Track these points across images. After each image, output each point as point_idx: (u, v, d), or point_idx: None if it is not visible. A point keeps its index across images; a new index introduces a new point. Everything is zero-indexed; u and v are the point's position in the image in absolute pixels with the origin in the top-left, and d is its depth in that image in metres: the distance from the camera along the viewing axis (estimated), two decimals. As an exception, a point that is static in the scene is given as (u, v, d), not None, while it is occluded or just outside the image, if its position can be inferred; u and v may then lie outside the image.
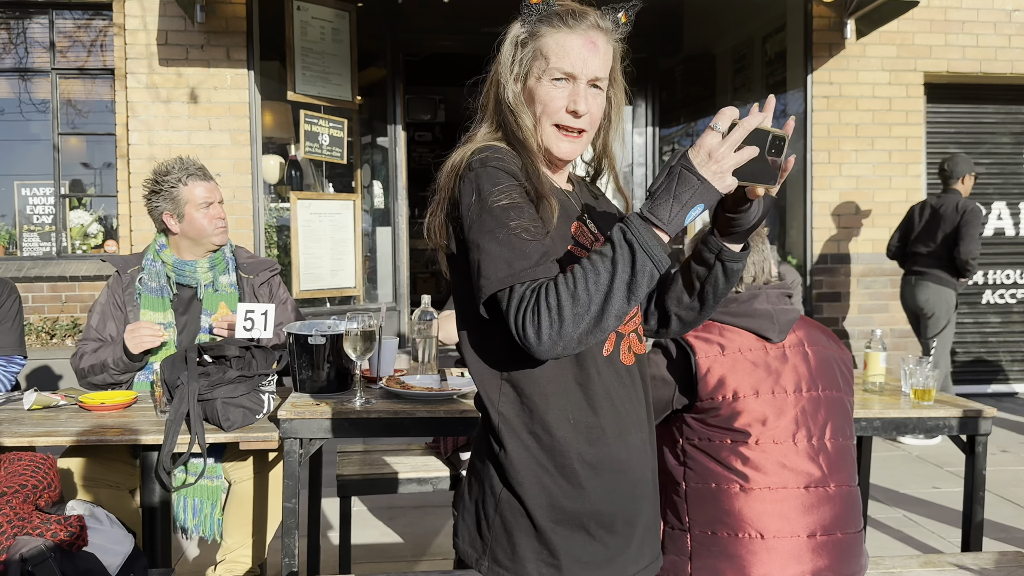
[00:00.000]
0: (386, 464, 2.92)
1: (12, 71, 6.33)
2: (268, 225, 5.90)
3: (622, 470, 1.31)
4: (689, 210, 1.13)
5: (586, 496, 1.28)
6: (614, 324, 1.16)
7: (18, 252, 6.36)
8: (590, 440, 1.28)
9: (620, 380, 1.33)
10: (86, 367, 2.56)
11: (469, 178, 1.25)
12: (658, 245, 1.13)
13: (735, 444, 1.87)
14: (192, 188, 2.66)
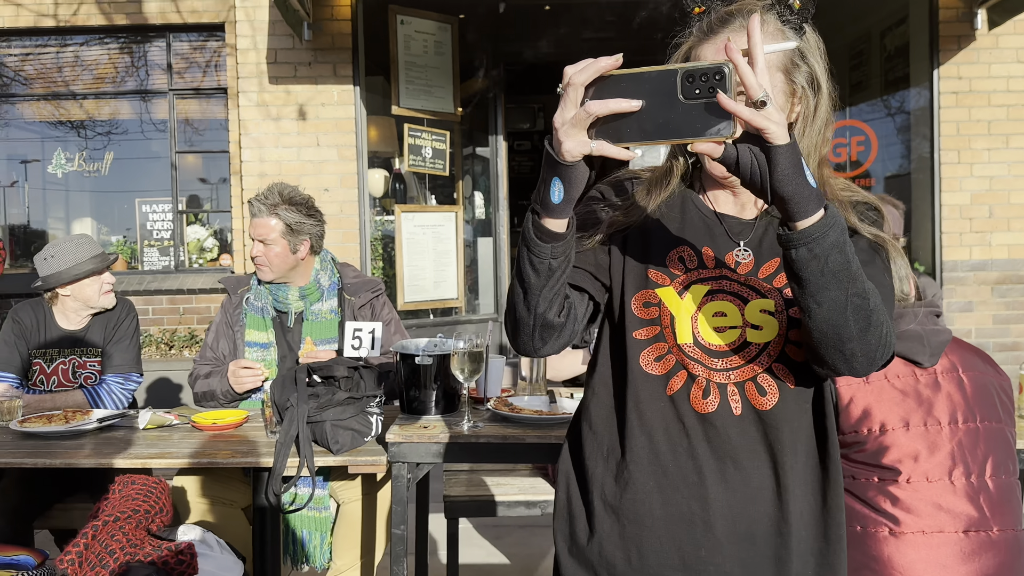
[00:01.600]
0: (493, 485, 2.84)
1: (134, 93, 6.65)
2: (374, 238, 5.95)
3: (671, 520, 1.17)
4: (549, 185, 1.03)
5: (595, 540, 1.21)
6: (523, 316, 1.14)
7: (139, 266, 6.67)
8: (618, 479, 1.20)
9: (680, 422, 1.18)
10: (199, 393, 2.63)
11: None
12: (529, 229, 1.07)
13: (883, 483, 1.68)
14: (252, 220, 2.67)
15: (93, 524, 1.72)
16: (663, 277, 1.20)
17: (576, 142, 0.98)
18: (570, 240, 1.09)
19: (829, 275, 1.00)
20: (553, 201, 1.03)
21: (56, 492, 2.59)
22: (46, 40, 6.57)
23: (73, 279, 2.69)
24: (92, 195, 6.86)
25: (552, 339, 1.18)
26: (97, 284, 2.73)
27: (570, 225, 1.08)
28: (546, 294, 1.11)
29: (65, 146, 6.72)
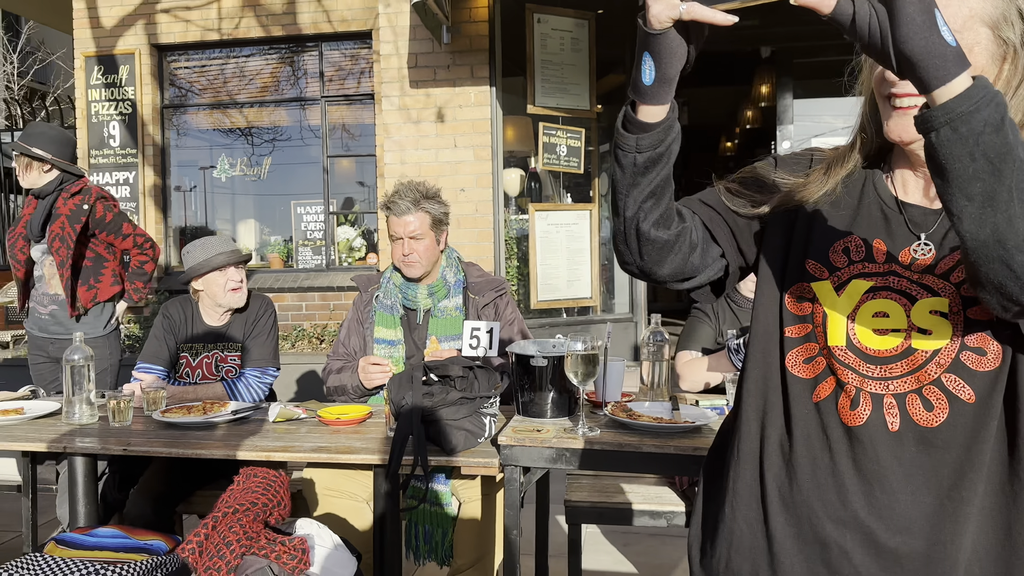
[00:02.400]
0: (618, 492, 2.74)
1: (290, 101, 7.04)
2: (508, 237, 5.98)
3: (805, 541, 1.05)
4: (640, 64, 0.93)
5: (724, 555, 1.13)
6: (616, 222, 1.05)
7: (294, 265, 7.05)
8: (735, 490, 1.11)
9: (823, 433, 1.04)
10: (331, 387, 2.70)
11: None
12: (619, 119, 0.98)
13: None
14: (391, 219, 2.69)
15: (213, 515, 1.79)
16: (821, 269, 1.06)
17: (664, 4, 0.87)
18: (662, 134, 0.96)
19: (983, 160, 0.78)
20: (644, 82, 0.93)
21: (199, 479, 2.74)
22: (212, 53, 7.07)
23: (202, 273, 2.84)
24: (254, 198, 7.33)
25: (652, 257, 1.06)
26: (223, 279, 2.84)
27: (668, 118, 0.96)
28: (635, 195, 1.00)
29: (229, 152, 7.22)
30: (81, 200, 3.48)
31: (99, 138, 6.98)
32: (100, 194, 3.54)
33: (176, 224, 7.25)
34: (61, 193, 3.48)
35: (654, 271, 1.08)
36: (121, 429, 2.32)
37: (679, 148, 1.01)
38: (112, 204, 3.57)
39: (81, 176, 3.59)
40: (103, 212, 3.51)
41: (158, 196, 7.07)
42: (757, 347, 1.12)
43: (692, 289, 1.16)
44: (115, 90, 6.96)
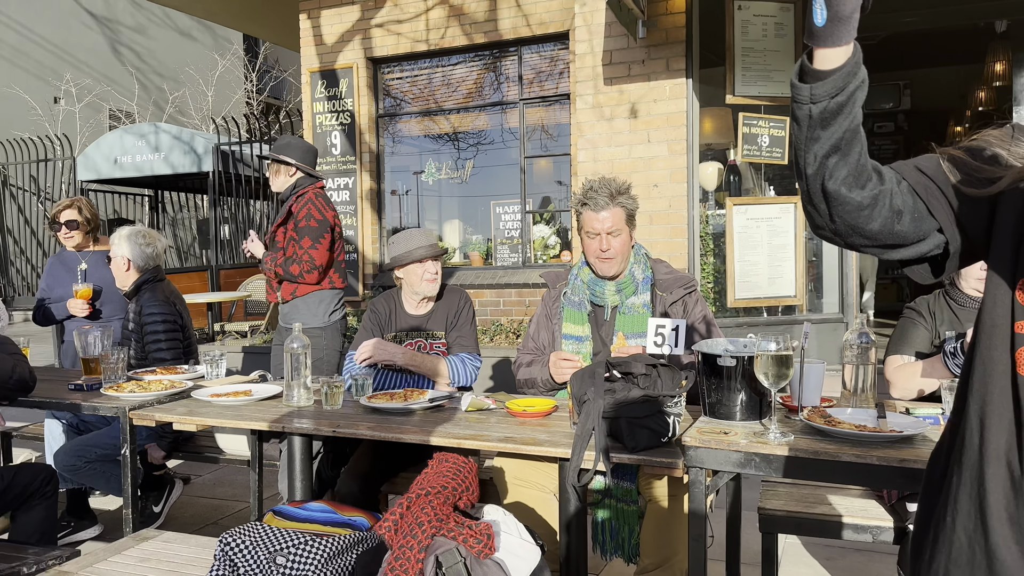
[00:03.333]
0: (818, 501, 2.59)
1: (491, 105, 7.30)
2: (704, 233, 5.82)
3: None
4: (811, 6, 0.89)
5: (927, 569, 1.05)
6: (800, 181, 0.98)
7: (493, 262, 7.30)
8: (956, 499, 1.01)
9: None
10: (521, 380, 2.77)
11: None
12: (794, 72, 0.94)
13: None
14: (586, 215, 2.67)
15: (408, 496, 1.90)
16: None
17: None
18: (840, 80, 0.90)
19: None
20: (816, 23, 0.88)
21: (402, 462, 2.93)
22: (420, 63, 7.49)
23: (403, 263, 3.03)
24: (457, 199, 7.69)
25: (845, 220, 0.98)
26: (420, 270, 3.02)
27: (847, 63, 0.89)
28: (815, 151, 0.93)
29: (436, 157, 7.61)
30: (292, 204, 3.85)
31: (323, 147, 7.63)
32: (311, 200, 3.82)
33: (389, 225, 7.75)
34: (291, 196, 3.89)
35: (850, 237, 1.00)
36: (332, 412, 2.53)
37: (865, 96, 0.93)
38: (314, 215, 3.80)
39: (319, 180, 3.98)
40: (303, 217, 3.79)
41: (373, 199, 7.60)
42: (982, 343, 1.00)
43: (904, 262, 1.05)
44: (336, 102, 7.57)
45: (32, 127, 14.42)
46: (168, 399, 2.75)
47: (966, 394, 1.02)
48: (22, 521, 2.72)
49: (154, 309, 3.40)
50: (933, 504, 1.07)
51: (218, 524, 3.80)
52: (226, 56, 17.51)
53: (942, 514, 1.03)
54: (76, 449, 3.34)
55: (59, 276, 4.01)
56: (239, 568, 1.91)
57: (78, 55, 16.17)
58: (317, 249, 3.79)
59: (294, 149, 3.93)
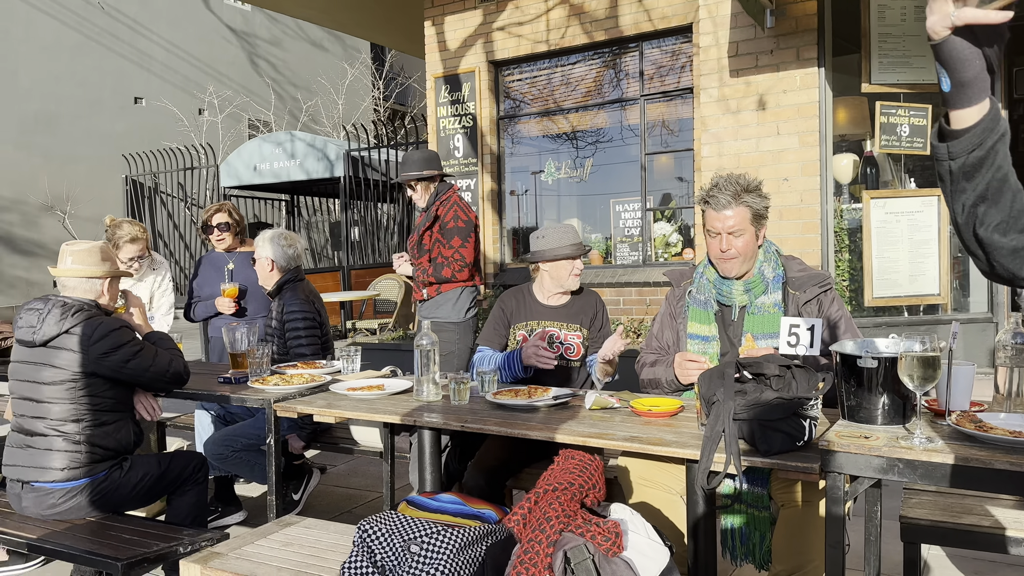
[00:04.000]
0: (965, 511, 2.43)
1: (610, 103, 7.26)
2: (838, 228, 5.56)
3: None
4: (937, 77, 1.00)
5: None
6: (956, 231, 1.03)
7: (612, 261, 7.26)
8: None
9: None
10: (645, 379, 2.75)
11: None
12: (933, 134, 1.02)
13: None
14: (708, 213, 2.61)
15: (535, 491, 1.93)
16: None
17: (937, 16, 0.91)
18: (976, 137, 0.95)
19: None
20: (944, 90, 0.97)
21: (527, 457, 2.97)
22: (540, 64, 7.55)
23: (553, 258, 3.11)
24: (576, 198, 7.70)
25: (1004, 263, 1.00)
26: (569, 267, 3.15)
27: (982, 120, 0.94)
28: (962, 201, 0.97)
29: (555, 156, 7.65)
30: (437, 209, 4.05)
31: (446, 150, 7.82)
32: (457, 203, 4.07)
33: (509, 225, 7.86)
34: (435, 203, 4.08)
35: (1014, 281, 1.01)
36: (459, 407, 2.59)
37: (1007, 146, 0.96)
38: (460, 216, 4.04)
39: (450, 186, 4.15)
40: (451, 219, 4.03)
41: (494, 200, 7.72)
42: None
43: None
44: (459, 105, 7.74)
45: (179, 137, 15.52)
46: (309, 392, 2.90)
47: None
48: (176, 504, 2.94)
49: (295, 307, 3.59)
50: None
51: (352, 512, 3.97)
52: (355, 65, 18.23)
53: None
54: (223, 439, 3.57)
55: (208, 276, 4.30)
56: (375, 554, 1.99)
57: (220, 68, 17.26)
58: (466, 247, 4.02)
59: (427, 162, 4.11)
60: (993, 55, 0.92)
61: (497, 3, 7.45)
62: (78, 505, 2.67)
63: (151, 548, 2.40)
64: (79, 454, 2.67)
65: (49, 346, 2.70)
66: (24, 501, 2.69)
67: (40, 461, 2.67)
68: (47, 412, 2.69)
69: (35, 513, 2.68)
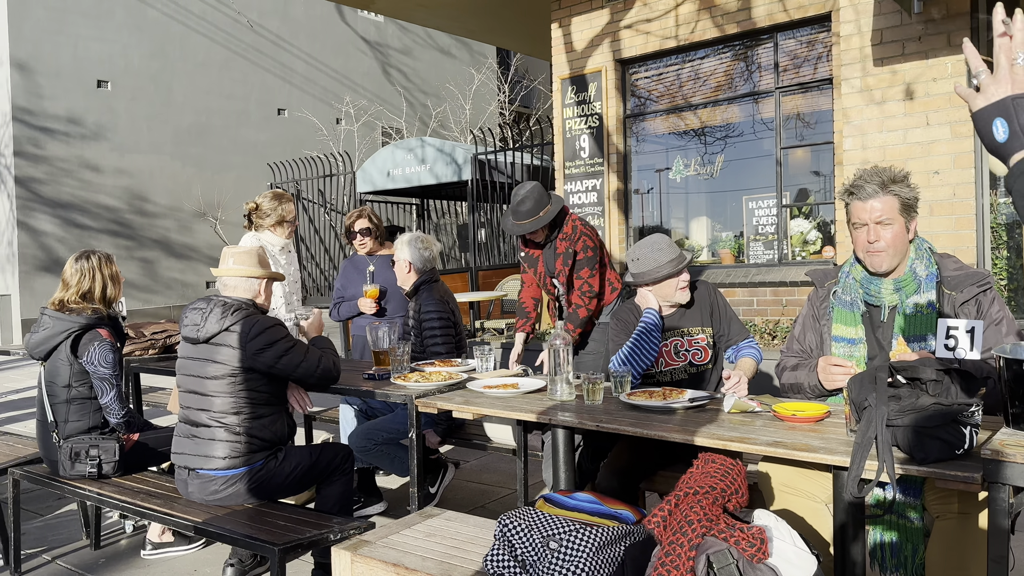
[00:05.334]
0: None
1: (743, 97, 7.06)
2: (995, 224, 5.18)
3: None
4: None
5: None
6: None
7: (745, 260, 7.06)
8: None
9: None
10: (786, 384, 2.66)
11: None
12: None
13: None
14: (854, 205, 2.48)
15: (676, 494, 1.91)
16: None
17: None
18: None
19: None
20: (999, 141, 1.08)
21: (660, 460, 2.95)
22: (668, 60, 7.44)
23: (653, 281, 3.05)
24: (706, 196, 7.53)
25: None
26: (675, 283, 3.07)
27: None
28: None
29: (684, 153, 7.52)
30: (568, 244, 3.91)
31: (572, 151, 7.85)
32: (584, 234, 3.91)
33: (635, 224, 7.79)
34: (559, 236, 3.95)
35: None
36: (593, 407, 2.61)
37: None
38: (589, 245, 3.90)
39: (567, 211, 4.00)
40: (580, 253, 3.90)
41: (620, 200, 7.68)
42: None
43: None
44: (584, 106, 7.75)
45: (319, 146, 16.32)
46: (447, 389, 3.00)
47: None
48: (325, 494, 3.10)
49: (431, 307, 3.72)
50: None
51: (485, 507, 4.07)
52: (481, 70, 18.58)
53: None
54: (366, 432, 3.74)
55: (351, 277, 4.52)
56: (516, 549, 2.04)
57: (355, 79, 18.02)
58: (595, 277, 3.91)
59: (537, 208, 3.84)
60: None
61: (625, 1, 7.40)
62: (237, 492, 2.87)
63: (304, 535, 2.55)
64: (239, 444, 2.87)
65: (212, 343, 2.92)
66: (190, 487, 2.93)
67: (204, 450, 2.89)
68: (210, 405, 2.90)
69: (199, 498, 2.91)
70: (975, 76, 1.26)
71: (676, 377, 3.12)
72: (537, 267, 4.04)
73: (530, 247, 4.06)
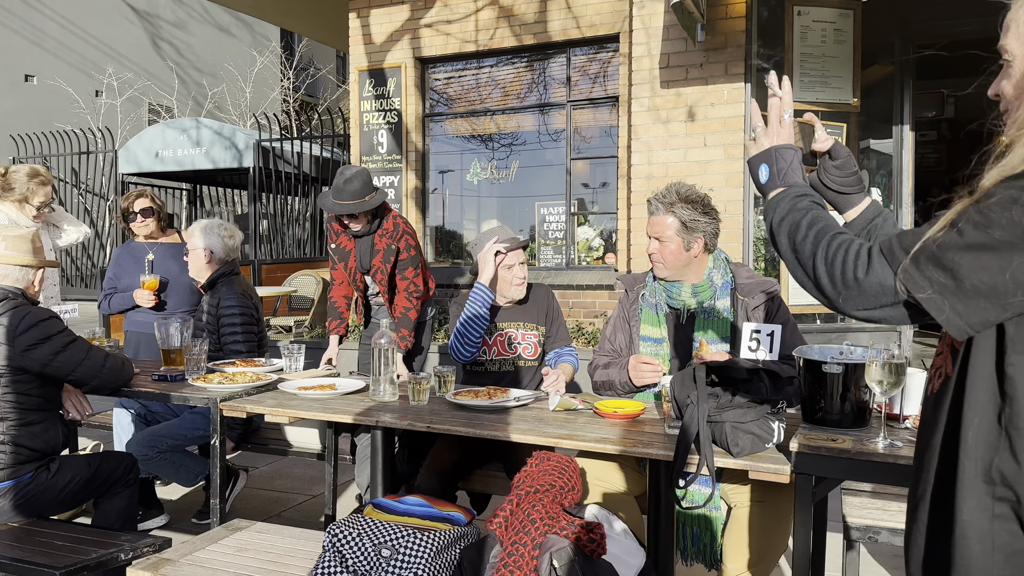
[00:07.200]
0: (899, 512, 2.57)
1: (536, 106, 7.30)
2: (757, 238, 5.79)
3: None
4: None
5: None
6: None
7: (536, 263, 7.31)
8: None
9: None
10: (598, 381, 2.77)
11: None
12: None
13: None
14: (650, 218, 2.70)
15: (517, 493, 1.91)
16: None
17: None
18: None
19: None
20: (762, 181, 1.36)
21: (477, 459, 2.94)
22: (468, 63, 7.52)
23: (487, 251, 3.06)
24: (499, 200, 7.70)
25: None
26: (509, 276, 3.07)
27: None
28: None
29: (481, 157, 7.63)
30: (391, 241, 3.78)
31: (369, 145, 7.67)
32: (406, 232, 3.81)
33: (432, 224, 7.79)
34: (377, 231, 3.79)
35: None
36: (419, 408, 2.54)
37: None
38: (412, 244, 3.82)
39: (388, 207, 3.87)
40: (403, 252, 3.79)
41: (418, 198, 7.63)
42: None
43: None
44: (383, 100, 7.61)
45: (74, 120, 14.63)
46: (255, 391, 2.78)
47: None
48: (105, 508, 2.76)
49: (232, 302, 3.43)
50: None
51: (280, 516, 3.83)
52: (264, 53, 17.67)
53: None
54: (148, 439, 3.38)
55: (126, 266, 4.06)
56: (347, 560, 1.93)
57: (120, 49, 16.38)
58: (419, 277, 3.83)
59: (363, 190, 3.65)
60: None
61: (425, 0, 7.37)
62: (2, 509, 2.47)
63: (89, 555, 2.24)
64: (4, 455, 2.46)
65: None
66: (-62, 506, 2.47)
67: (-43, 463, 2.45)
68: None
69: (-50, 519, 2.47)
70: (753, 130, 1.49)
71: (504, 368, 3.14)
72: (348, 261, 3.87)
73: (342, 237, 3.88)
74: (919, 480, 1.20)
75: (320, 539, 2.20)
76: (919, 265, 1.08)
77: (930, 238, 1.07)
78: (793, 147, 1.44)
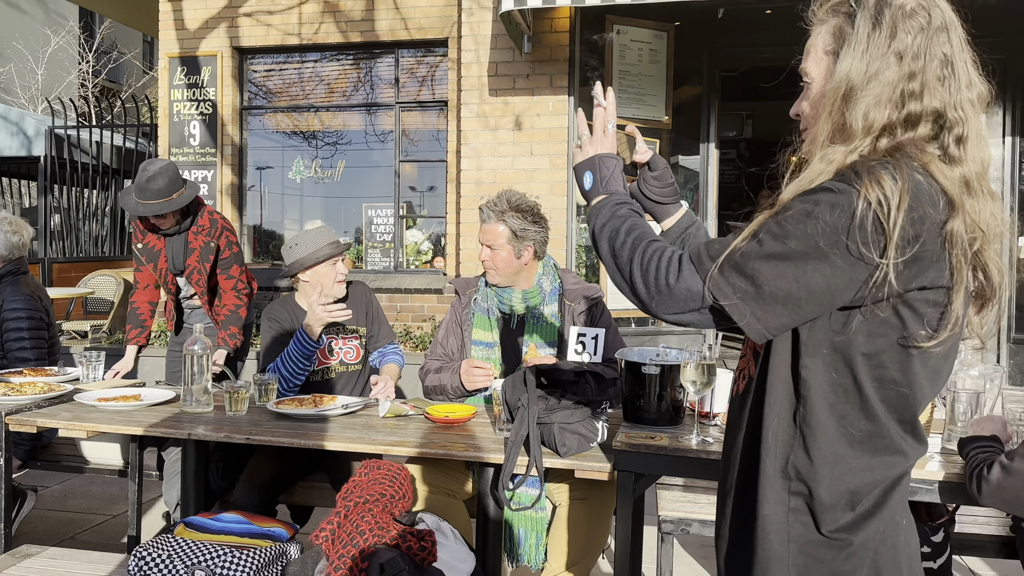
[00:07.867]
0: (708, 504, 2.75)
1: (364, 106, 7.16)
2: (578, 245, 6.00)
3: None
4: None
5: None
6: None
7: (363, 266, 7.16)
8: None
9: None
10: (430, 386, 2.76)
11: None
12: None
13: None
14: (482, 226, 2.74)
15: (344, 504, 1.84)
16: None
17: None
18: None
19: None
20: (586, 188, 1.50)
21: (299, 471, 2.82)
22: (290, 57, 7.24)
23: (315, 263, 2.94)
24: (324, 200, 7.47)
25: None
26: (333, 273, 2.97)
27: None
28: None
29: (304, 154, 7.37)
30: (209, 239, 3.54)
31: (180, 136, 7.19)
32: (225, 228, 3.59)
33: (251, 223, 7.42)
34: (191, 228, 3.53)
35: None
36: (236, 418, 2.39)
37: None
38: (233, 240, 3.61)
39: (201, 203, 3.62)
40: (224, 249, 3.57)
41: (234, 195, 7.25)
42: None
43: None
44: (196, 91, 7.16)
45: None
46: (47, 403, 2.50)
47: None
48: None
49: (18, 304, 3.07)
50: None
51: (76, 539, 3.48)
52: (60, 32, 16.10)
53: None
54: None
55: None
56: (156, 585, 1.77)
57: None
58: (244, 274, 3.64)
59: (169, 188, 3.36)
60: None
61: (245, -13, 7.03)
62: None
63: None
64: None
65: None
66: None
67: None
68: None
69: None
70: (579, 138, 1.53)
71: (326, 376, 3.02)
72: (158, 262, 3.57)
73: (150, 236, 3.58)
74: (726, 476, 1.28)
75: (124, 563, 2.01)
76: (724, 273, 1.13)
77: (735, 248, 1.13)
78: (616, 156, 1.49)
